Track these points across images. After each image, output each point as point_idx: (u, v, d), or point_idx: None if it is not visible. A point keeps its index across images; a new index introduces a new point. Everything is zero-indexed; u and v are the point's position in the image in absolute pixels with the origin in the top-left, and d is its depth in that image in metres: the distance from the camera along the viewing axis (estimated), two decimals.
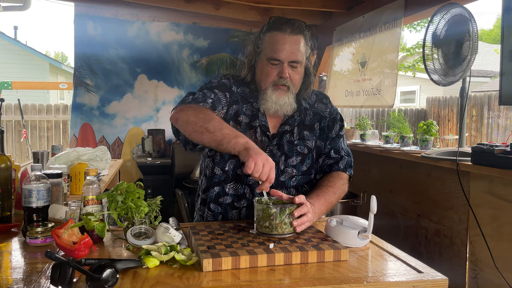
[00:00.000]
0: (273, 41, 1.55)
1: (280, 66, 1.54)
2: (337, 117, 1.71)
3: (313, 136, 1.65)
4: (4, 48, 12.56)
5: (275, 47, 1.53)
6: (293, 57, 1.53)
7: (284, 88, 1.55)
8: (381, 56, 3.24)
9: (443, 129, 7.43)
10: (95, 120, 4.45)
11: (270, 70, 1.56)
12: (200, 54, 4.70)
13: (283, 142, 1.60)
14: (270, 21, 1.59)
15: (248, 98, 1.63)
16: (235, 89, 1.63)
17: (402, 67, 10.98)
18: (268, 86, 1.56)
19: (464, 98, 2.47)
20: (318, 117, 1.68)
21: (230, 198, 1.60)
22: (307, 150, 1.63)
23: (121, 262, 1.02)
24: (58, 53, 39.45)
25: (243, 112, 1.61)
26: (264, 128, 1.61)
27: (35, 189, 1.35)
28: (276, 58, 1.53)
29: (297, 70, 1.57)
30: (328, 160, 1.65)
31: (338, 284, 1.00)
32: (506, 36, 1.95)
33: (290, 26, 1.55)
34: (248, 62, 1.63)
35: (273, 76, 1.55)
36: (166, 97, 4.64)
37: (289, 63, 1.54)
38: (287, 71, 1.54)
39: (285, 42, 1.53)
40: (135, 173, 4.59)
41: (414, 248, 2.76)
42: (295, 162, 1.61)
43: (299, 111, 1.64)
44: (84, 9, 4.33)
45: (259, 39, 1.59)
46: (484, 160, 2.03)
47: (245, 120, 1.60)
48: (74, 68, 4.43)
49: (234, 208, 1.60)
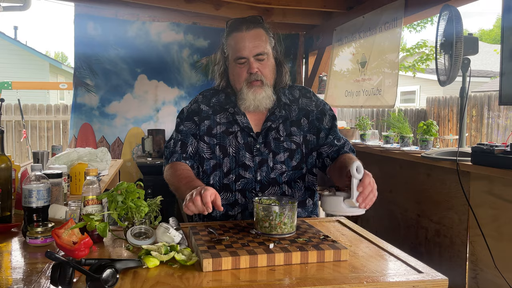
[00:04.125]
0: (234, 42, 1.61)
1: (247, 63, 1.59)
2: (325, 108, 1.74)
3: (300, 131, 1.67)
4: (4, 48, 12.55)
5: (237, 47, 1.59)
6: (256, 50, 1.58)
7: (257, 83, 1.59)
8: (381, 56, 3.24)
9: (443, 129, 7.43)
10: (95, 120, 4.45)
11: (239, 70, 1.61)
12: (200, 54, 4.70)
13: (269, 140, 1.63)
14: (227, 25, 1.66)
15: (224, 106, 1.67)
16: (204, 107, 1.69)
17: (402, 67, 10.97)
18: (243, 85, 1.60)
19: (464, 98, 2.47)
20: (305, 112, 1.70)
21: (223, 208, 1.63)
22: (295, 145, 1.65)
23: (121, 262, 1.02)
24: (58, 53, 39.47)
25: (217, 122, 1.66)
26: (247, 129, 1.64)
27: (35, 189, 1.35)
28: (240, 56, 1.59)
29: (266, 63, 1.61)
30: (334, 148, 1.68)
31: (338, 284, 1.00)
32: (506, 36, 1.95)
33: (245, 23, 1.60)
34: (218, 69, 1.70)
35: (244, 75, 1.60)
36: (166, 97, 4.63)
37: (255, 57, 1.58)
38: (255, 66, 1.58)
39: (244, 39, 1.58)
40: (135, 173, 4.58)
41: (414, 248, 2.76)
42: (283, 158, 1.63)
43: (279, 107, 1.67)
44: (84, 9, 4.32)
45: (223, 45, 1.66)
46: (484, 160, 2.03)
47: (220, 130, 1.65)
48: (74, 68, 4.42)
49: (229, 217, 1.63)
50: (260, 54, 1.58)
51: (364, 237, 1.37)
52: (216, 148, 1.64)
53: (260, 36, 1.60)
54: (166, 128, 4.58)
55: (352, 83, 3.65)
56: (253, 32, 1.59)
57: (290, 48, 4.88)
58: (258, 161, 1.62)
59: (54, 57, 31.19)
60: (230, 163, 1.62)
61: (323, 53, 4.48)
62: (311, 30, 4.69)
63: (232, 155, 1.62)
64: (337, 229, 1.48)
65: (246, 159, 1.61)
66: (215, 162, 1.64)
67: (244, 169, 1.61)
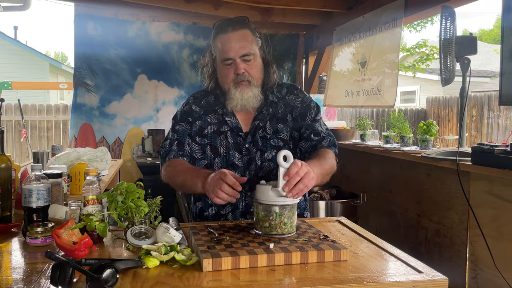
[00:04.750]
0: (221, 43, 1.61)
1: (234, 64, 1.60)
2: (310, 104, 1.73)
3: (287, 127, 1.68)
4: (4, 48, 12.55)
5: (223, 48, 1.60)
6: (242, 51, 1.58)
7: (244, 83, 1.60)
8: (381, 56, 3.24)
9: (443, 129, 7.43)
10: (95, 120, 4.45)
11: (226, 71, 1.62)
12: (200, 54, 4.69)
13: (256, 138, 1.64)
14: (214, 27, 1.66)
15: (213, 107, 1.69)
16: (195, 108, 1.71)
17: (402, 67, 10.97)
18: (230, 86, 1.61)
19: (464, 98, 2.47)
20: (290, 108, 1.71)
21: (214, 208, 1.65)
22: (282, 142, 1.66)
23: (121, 262, 1.02)
24: (58, 53, 39.46)
25: (208, 123, 1.67)
26: (237, 129, 1.65)
27: (35, 189, 1.35)
28: (227, 58, 1.59)
29: (252, 63, 1.61)
30: (311, 143, 1.66)
31: (338, 284, 1.00)
32: (506, 36, 1.95)
33: (231, 25, 1.60)
34: (207, 71, 1.71)
35: (231, 76, 1.61)
36: (166, 97, 4.63)
37: (241, 58, 1.59)
38: (241, 67, 1.59)
39: (230, 40, 1.58)
40: (135, 173, 4.58)
41: (414, 248, 2.76)
42: (271, 155, 1.63)
43: (267, 105, 1.67)
44: (84, 9, 4.32)
45: (211, 47, 1.67)
46: (484, 160, 2.03)
47: (211, 130, 1.66)
48: (74, 68, 4.42)
49: (220, 216, 1.64)
50: (246, 55, 1.59)
51: (364, 237, 1.37)
52: (207, 148, 1.65)
53: (246, 36, 1.60)
54: (166, 128, 4.58)
55: (352, 83, 3.65)
56: (238, 33, 1.59)
57: (290, 48, 4.88)
58: (247, 160, 1.63)
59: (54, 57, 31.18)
60: (221, 163, 1.64)
61: (323, 53, 4.48)
62: (311, 30, 4.69)
63: (222, 155, 1.64)
64: (337, 229, 1.48)
65: (235, 159, 1.63)
66: (206, 162, 1.66)
67: (234, 169, 1.61)
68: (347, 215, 2.07)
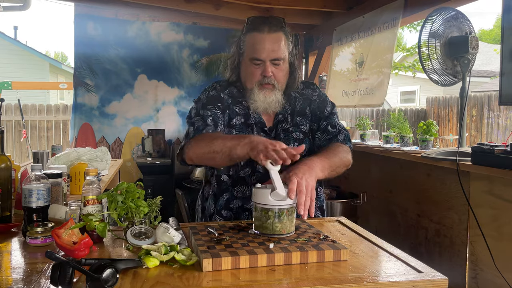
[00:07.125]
0: (253, 41, 1.57)
1: (263, 65, 1.56)
2: (326, 99, 1.74)
3: (306, 120, 1.68)
4: (4, 48, 12.55)
5: (255, 48, 1.56)
6: (274, 55, 1.55)
7: (269, 86, 1.58)
8: (378, 55, 3.24)
9: (443, 129, 7.43)
10: (95, 120, 4.45)
11: (253, 70, 1.58)
12: (200, 54, 4.70)
13: (278, 132, 1.63)
14: (248, 21, 1.61)
15: (237, 98, 1.65)
16: (223, 95, 1.65)
17: (402, 67, 10.98)
18: (254, 86, 1.59)
19: (464, 98, 2.47)
20: (308, 101, 1.70)
21: (239, 201, 1.62)
22: (302, 135, 1.66)
23: (121, 262, 1.02)
24: (58, 53, 39.47)
25: (236, 113, 1.64)
26: (260, 124, 1.64)
27: (35, 189, 1.35)
28: (257, 58, 1.56)
29: (281, 67, 1.59)
30: (326, 135, 1.66)
31: (338, 284, 1.00)
32: (506, 36, 1.95)
33: (268, 25, 1.56)
34: (231, 63, 1.66)
35: (257, 76, 1.58)
36: (166, 97, 4.64)
37: (271, 61, 1.56)
38: (270, 70, 1.56)
39: (264, 41, 1.54)
40: (135, 173, 4.59)
41: (414, 248, 2.76)
42: None
43: (289, 101, 1.67)
44: (84, 9, 4.33)
45: (240, 40, 1.62)
46: (484, 160, 2.03)
47: (239, 121, 1.63)
48: (74, 68, 4.42)
49: (245, 210, 1.62)
50: (277, 59, 1.56)
51: (364, 237, 1.37)
52: None
53: (280, 40, 1.56)
54: (166, 128, 4.58)
55: (349, 83, 3.65)
56: (274, 36, 1.55)
57: None
58: None
59: (54, 57, 31.18)
60: None
61: (323, 53, 4.47)
62: (311, 30, 4.69)
63: None
64: (337, 229, 1.48)
65: None
66: None
67: (258, 163, 1.59)
68: (347, 215, 2.07)
